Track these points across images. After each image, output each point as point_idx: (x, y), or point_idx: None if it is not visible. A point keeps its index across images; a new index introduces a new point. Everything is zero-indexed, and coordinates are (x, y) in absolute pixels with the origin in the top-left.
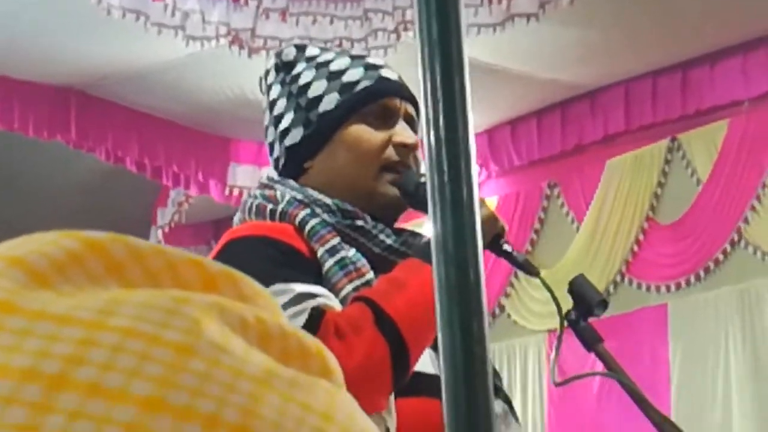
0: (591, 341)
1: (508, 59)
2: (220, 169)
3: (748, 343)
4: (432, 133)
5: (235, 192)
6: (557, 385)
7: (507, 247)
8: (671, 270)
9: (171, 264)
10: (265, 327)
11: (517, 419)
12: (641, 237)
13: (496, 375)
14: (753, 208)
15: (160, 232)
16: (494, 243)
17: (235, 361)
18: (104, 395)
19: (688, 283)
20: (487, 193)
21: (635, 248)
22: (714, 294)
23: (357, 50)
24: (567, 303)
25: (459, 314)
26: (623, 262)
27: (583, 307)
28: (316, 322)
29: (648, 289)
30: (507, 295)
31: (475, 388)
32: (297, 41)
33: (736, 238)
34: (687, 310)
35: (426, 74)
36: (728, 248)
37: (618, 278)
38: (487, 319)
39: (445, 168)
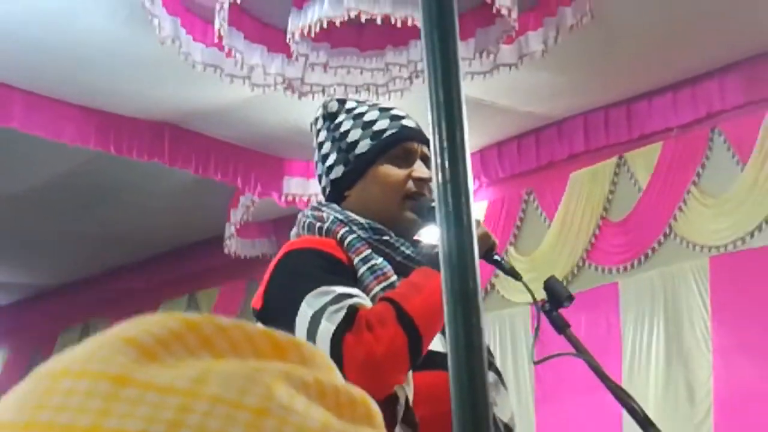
0: (561, 327)
1: (494, 96)
2: (277, 181)
3: (671, 310)
4: (440, 176)
5: (289, 198)
6: (535, 363)
7: (497, 258)
8: (620, 256)
9: (248, 336)
10: (321, 386)
11: (505, 387)
12: (597, 232)
13: (489, 353)
14: (680, 209)
15: (233, 227)
16: (487, 254)
17: (299, 419)
18: None
19: (632, 266)
20: (479, 199)
21: (593, 240)
22: (651, 274)
23: (380, 91)
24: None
25: (462, 312)
26: (584, 251)
27: (555, 300)
28: (351, 317)
29: (603, 271)
30: (496, 275)
31: (473, 368)
32: (335, 87)
33: (667, 232)
34: (632, 287)
35: (435, 134)
36: (662, 239)
37: (580, 263)
38: (483, 315)
39: (450, 201)
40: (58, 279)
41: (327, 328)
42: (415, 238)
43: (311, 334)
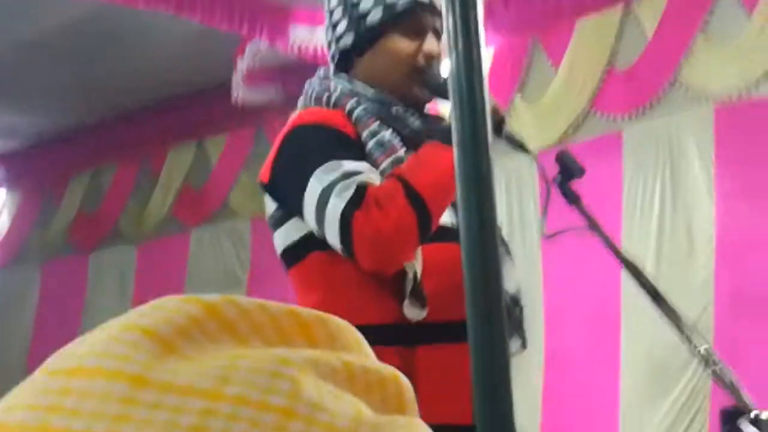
0: (572, 199)
1: None
2: (284, 28)
3: (675, 158)
4: (454, 58)
5: (296, 46)
6: (546, 237)
7: (507, 131)
8: (625, 105)
9: (272, 317)
10: (350, 369)
11: (511, 257)
12: (603, 80)
13: None
14: (686, 58)
15: (240, 75)
16: (497, 128)
17: (328, 417)
18: None
19: (638, 114)
20: (487, 44)
21: (599, 88)
22: (656, 123)
23: None
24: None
25: (475, 196)
26: (590, 99)
27: (566, 172)
28: (360, 194)
29: (608, 119)
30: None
31: (486, 245)
32: None
33: (673, 80)
34: (636, 135)
35: (448, 15)
36: (667, 88)
37: (586, 111)
38: (495, 198)
39: (463, 84)
40: (66, 124)
41: (336, 205)
42: (425, 110)
43: (320, 211)
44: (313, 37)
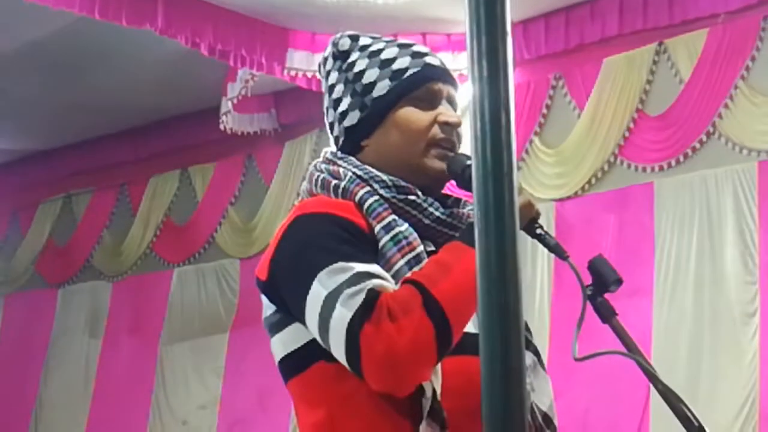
0: (606, 315)
1: None
2: (280, 53)
3: (713, 217)
4: (478, 97)
5: (292, 72)
6: (577, 360)
7: (540, 231)
8: (657, 154)
9: None
10: None
11: (544, 368)
12: (632, 125)
13: (527, 330)
14: (726, 106)
15: (229, 103)
16: (529, 226)
17: None
18: None
19: (670, 165)
20: None
21: (626, 134)
22: (691, 176)
23: None
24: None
25: (498, 304)
26: (616, 146)
27: (601, 284)
28: (371, 303)
29: (636, 169)
30: (519, 168)
31: (509, 365)
32: None
33: (711, 130)
34: (669, 188)
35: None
36: (704, 138)
37: (611, 159)
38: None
39: (489, 157)
40: (39, 145)
41: (342, 314)
42: (451, 194)
43: (324, 320)
44: (311, 64)
